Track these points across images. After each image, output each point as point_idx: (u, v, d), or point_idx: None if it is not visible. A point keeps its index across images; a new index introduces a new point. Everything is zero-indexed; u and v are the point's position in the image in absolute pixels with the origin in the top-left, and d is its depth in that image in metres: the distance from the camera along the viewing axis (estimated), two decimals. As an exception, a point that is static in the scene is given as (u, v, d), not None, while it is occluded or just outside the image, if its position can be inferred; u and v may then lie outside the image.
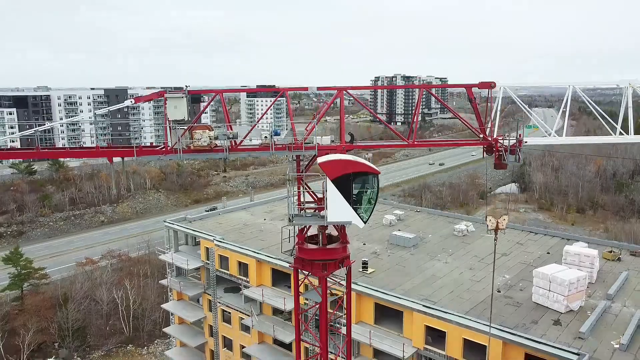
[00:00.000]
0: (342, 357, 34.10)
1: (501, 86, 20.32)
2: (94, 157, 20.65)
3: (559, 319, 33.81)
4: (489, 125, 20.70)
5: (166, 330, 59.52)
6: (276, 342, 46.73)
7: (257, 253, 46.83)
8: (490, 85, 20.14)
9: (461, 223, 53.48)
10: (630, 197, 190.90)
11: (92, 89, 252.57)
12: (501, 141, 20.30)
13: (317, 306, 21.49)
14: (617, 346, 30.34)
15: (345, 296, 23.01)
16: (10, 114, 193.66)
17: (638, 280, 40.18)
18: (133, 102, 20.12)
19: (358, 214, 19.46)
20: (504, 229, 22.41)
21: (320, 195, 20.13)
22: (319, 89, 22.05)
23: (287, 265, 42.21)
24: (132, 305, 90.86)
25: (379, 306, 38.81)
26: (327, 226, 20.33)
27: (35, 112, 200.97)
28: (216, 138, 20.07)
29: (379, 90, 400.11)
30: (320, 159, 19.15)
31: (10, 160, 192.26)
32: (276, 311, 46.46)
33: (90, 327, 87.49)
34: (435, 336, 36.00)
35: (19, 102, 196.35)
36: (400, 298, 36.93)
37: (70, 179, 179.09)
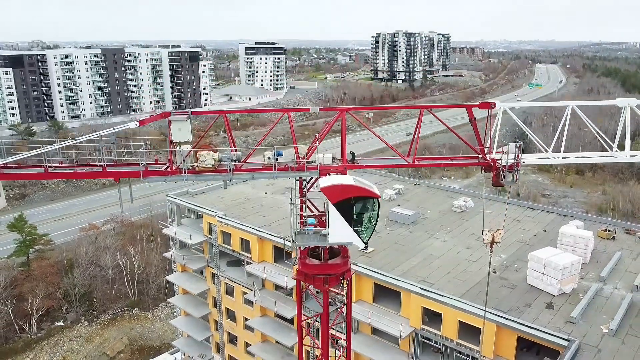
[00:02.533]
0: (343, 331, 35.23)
1: (501, 107, 20.46)
2: (101, 178, 21.07)
3: (551, 302, 34.91)
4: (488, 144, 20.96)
5: (171, 300, 61.30)
6: (278, 315, 48.26)
7: (259, 230, 47.71)
8: (490, 106, 20.29)
9: (460, 198, 54.15)
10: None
11: (88, 47, 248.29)
12: (499, 161, 20.68)
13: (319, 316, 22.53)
14: (606, 331, 31.55)
15: (345, 305, 23.90)
16: (7, 74, 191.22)
17: (630, 261, 41.17)
18: (137, 124, 20.38)
19: (359, 235, 20.22)
20: (499, 242, 23.03)
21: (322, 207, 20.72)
22: (320, 109, 22.19)
23: (288, 244, 43.72)
24: (136, 270, 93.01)
25: (378, 285, 39.96)
26: None
27: (32, 72, 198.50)
28: (220, 160, 20.44)
29: (380, 47, 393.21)
30: (322, 183, 19.57)
31: (9, 121, 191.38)
32: (278, 286, 47.74)
33: (96, 291, 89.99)
34: (432, 315, 37.27)
35: (15, 62, 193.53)
36: (398, 280, 37.98)
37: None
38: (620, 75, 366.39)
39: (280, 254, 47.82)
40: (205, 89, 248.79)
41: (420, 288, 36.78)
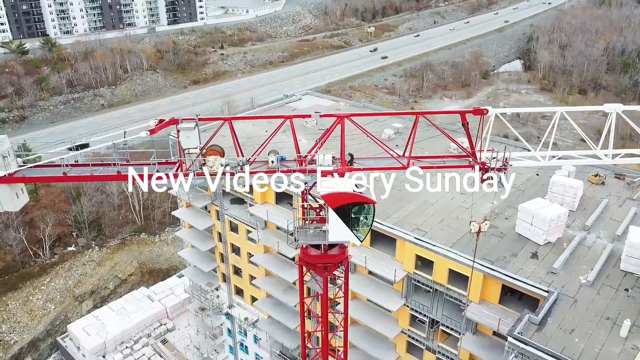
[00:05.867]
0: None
1: (494, 112, 21.04)
2: (116, 181, 22.13)
3: (536, 251, 37.18)
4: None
5: (178, 234, 64.16)
6: (281, 252, 51.05)
7: (261, 174, 49.13)
8: (482, 112, 20.93)
9: (458, 139, 54.86)
10: (635, 79, 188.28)
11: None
12: (488, 164, 21.76)
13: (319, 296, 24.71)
14: (584, 282, 34.07)
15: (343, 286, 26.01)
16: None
17: (617, 208, 43.04)
18: (148, 134, 21.14)
19: (355, 234, 21.94)
20: (485, 232, 24.55)
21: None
22: (321, 116, 22.68)
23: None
24: (141, 197, 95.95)
25: (375, 230, 42.11)
26: None
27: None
28: (227, 165, 21.48)
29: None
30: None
31: (0, 38, 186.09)
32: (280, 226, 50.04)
33: (104, 218, 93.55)
34: (425, 261, 39.77)
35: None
36: (393, 228, 40.07)
37: (65, 59, 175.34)
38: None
39: (282, 196, 49.70)
40: (200, 0, 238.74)
41: (414, 237, 38.95)
